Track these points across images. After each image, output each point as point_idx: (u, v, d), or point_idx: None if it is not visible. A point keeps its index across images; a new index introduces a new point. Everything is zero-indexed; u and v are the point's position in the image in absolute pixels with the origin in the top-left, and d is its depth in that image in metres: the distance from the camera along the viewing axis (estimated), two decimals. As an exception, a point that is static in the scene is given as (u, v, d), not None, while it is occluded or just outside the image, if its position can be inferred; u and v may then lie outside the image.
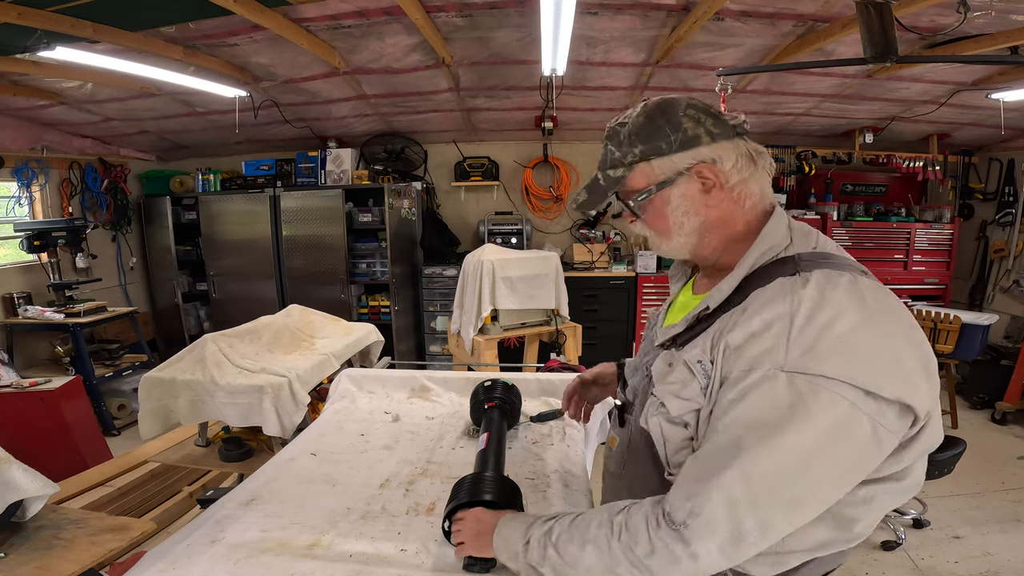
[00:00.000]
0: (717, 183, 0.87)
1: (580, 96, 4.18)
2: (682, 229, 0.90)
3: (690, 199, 0.88)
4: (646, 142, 0.88)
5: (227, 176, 5.06)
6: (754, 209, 0.90)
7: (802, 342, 0.73)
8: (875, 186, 5.31)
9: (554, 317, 3.44)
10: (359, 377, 2.03)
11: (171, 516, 2.16)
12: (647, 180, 0.89)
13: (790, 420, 0.71)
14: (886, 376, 0.72)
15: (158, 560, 1.03)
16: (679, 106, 0.88)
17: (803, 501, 0.74)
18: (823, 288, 0.76)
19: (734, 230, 0.90)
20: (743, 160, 0.87)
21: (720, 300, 0.85)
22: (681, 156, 0.87)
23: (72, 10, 2.54)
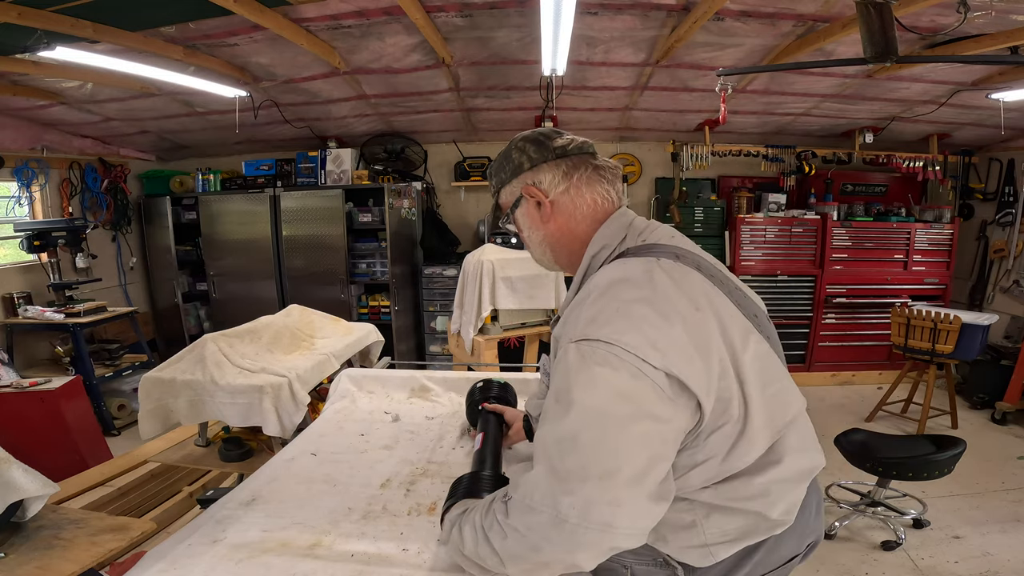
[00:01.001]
0: (542, 199, 1.03)
1: (580, 96, 4.18)
2: (533, 243, 1.09)
3: (530, 216, 1.06)
4: (496, 175, 1.10)
5: (227, 176, 5.06)
6: (590, 218, 1.02)
7: (588, 315, 0.83)
8: (875, 186, 5.31)
9: (554, 317, 3.44)
10: (359, 377, 2.03)
11: (171, 516, 2.16)
12: (506, 205, 1.10)
13: (577, 382, 0.79)
14: (656, 347, 0.78)
15: (158, 560, 1.03)
16: (514, 142, 1.07)
17: (614, 469, 0.76)
18: (617, 271, 0.88)
19: (576, 240, 1.03)
20: (558, 176, 1.02)
21: (566, 307, 0.95)
22: (515, 182, 1.06)
23: (72, 10, 2.53)
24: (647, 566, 0.97)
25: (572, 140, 1.05)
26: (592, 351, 0.79)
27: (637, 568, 0.98)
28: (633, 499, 0.76)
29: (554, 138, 1.05)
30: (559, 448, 0.78)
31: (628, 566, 0.98)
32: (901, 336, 4.06)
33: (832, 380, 5.05)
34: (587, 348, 0.80)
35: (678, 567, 0.94)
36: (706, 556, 0.91)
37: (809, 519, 1.00)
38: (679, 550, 0.92)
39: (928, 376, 4.01)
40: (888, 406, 4.26)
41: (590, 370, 0.78)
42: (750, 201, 5.05)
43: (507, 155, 1.07)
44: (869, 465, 2.72)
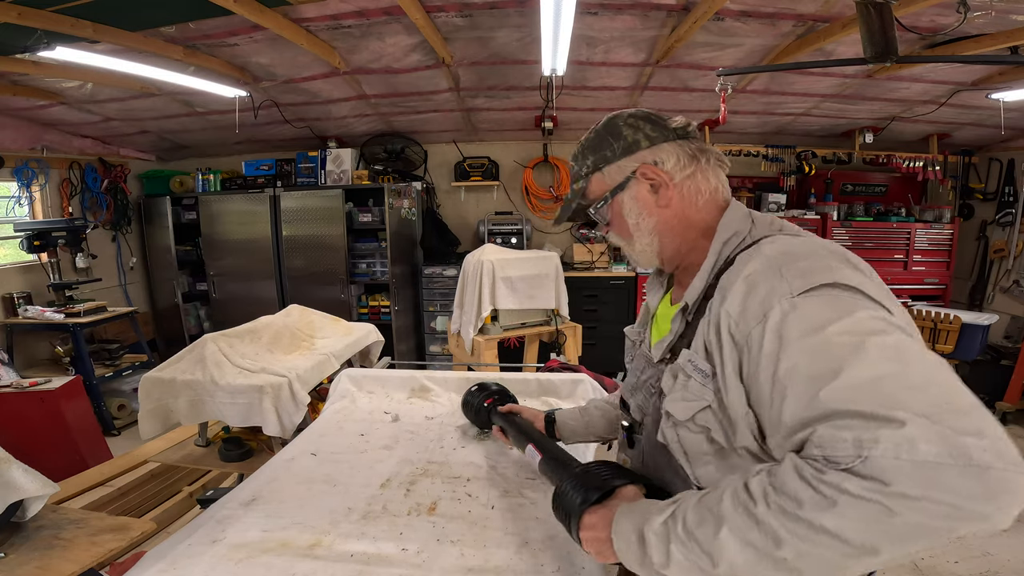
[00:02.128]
0: (662, 182, 0.92)
1: (580, 96, 4.18)
2: (640, 231, 0.95)
3: (641, 201, 0.93)
4: (595, 153, 0.97)
5: (227, 176, 5.06)
6: (710, 206, 0.93)
7: (793, 272, 0.73)
8: (875, 186, 5.31)
9: (554, 317, 3.44)
10: (359, 377, 2.03)
11: (171, 516, 2.17)
12: (603, 188, 0.97)
13: (845, 312, 0.67)
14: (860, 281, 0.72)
15: (158, 560, 1.03)
16: (620, 118, 0.96)
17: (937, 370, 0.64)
18: (786, 239, 0.80)
19: (693, 228, 0.93)
20: (685, 158, 0.92)
21: (697, 295, 0.86)
22: (625, 161, 0.93)
23: (72, 10, 2.53)
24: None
25: (689, 122, 0.95)
26: (830, 292, 0.69)
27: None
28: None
29: (666, 119, 0.95)
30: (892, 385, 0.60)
31: None
32: (901, 336, 4.05)
33: (832, 380, 5.04)
34: (823, 292, 0.69)
35: None
36: None
37: None
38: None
39: (928, 376, 4.00)
40: (888, 406, 4.25)
41: (853, 313, 0.67)
42: (750, 201, 5.05)
43: (612, 131, 0.95)
44: (869, 465, 2.71)
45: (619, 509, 0.78)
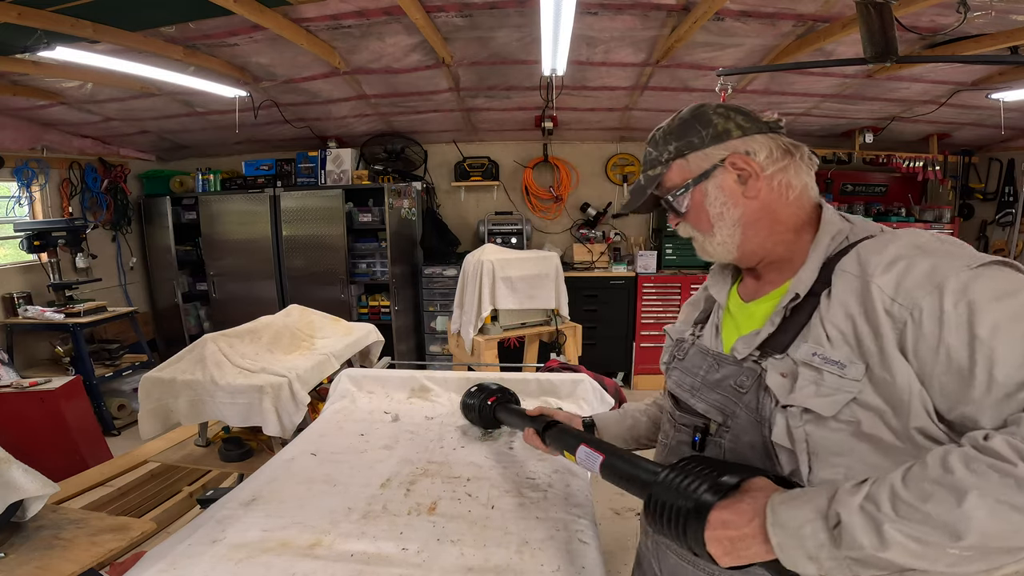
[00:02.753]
0: (753, 173, 0.88)
1: (580, 96, 4.18)
2: (723, 222, 0.90)
3: (727, 191, 0.89)
4: (680, 139, 0.92)
5: (227, 176, 5.06)
6: (799, 201, 0.90)
7: (956, 251, 0.73)
8: (875, 186, 5.31)
9: (554, 317, 3.44)
10: (359, 377, 2.03)
11: (171, 516, 2.17)
12: (684, 175, 0.92)
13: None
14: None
15: (158, 560, 1.03)
16: (710, 107, 0.93)
17: None
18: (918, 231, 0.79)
19: (781, 223, 0.90)
20: (778, 151, 0.89)
21: (807, 285, 0.83)
22: (714, 149, 0.89)
23: (72, 10, 2.53)
24: None
25: (781, 117, 0.93)
26: (1008, 270, 0.70)
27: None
28: None
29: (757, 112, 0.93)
30: None
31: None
32: (901, 336, 4.05)
33: (832, 380, 5.04)
34: (999, 266, 0.70)
35: None
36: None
37: None
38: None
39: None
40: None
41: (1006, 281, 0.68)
42: (750, 201, 5.04)
43: (701, 119, 0.91)
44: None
45: (772, 499, 0.68)
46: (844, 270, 0.79)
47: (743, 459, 0.85)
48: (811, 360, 0.77)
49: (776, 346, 0.84)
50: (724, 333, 0.96)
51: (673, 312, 4.89)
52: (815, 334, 0.79)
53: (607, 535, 2.62)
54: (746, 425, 0.86)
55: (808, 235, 0.89)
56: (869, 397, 0.73)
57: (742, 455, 0.86)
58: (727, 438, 0.89)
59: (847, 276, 0.78)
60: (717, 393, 0.91)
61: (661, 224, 5.14)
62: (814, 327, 0.80)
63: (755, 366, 0.86)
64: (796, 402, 0.78)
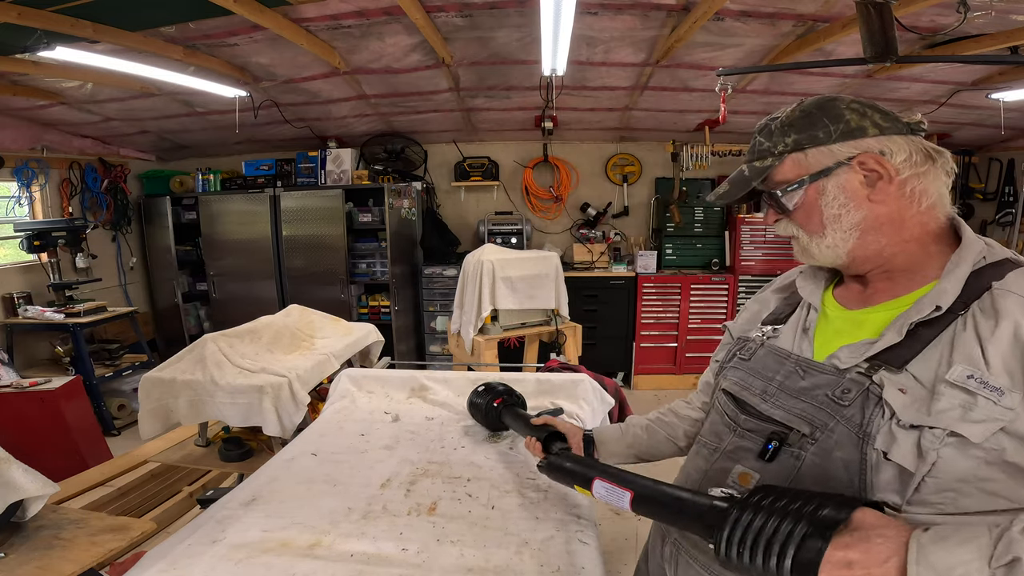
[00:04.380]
0: (885, 175, 0.82)
1: (580, 96, 4.17)
2: (839, 224, 0.84)
3: (850, 192, 0.83)
4: (801, 132, 0.85)
5: (227, 176, 5.06)
6: (932, 212, 0.83)
7: None
8: (875, 186, 5.31)
9: (554, 317, 3.44)
10: (359, 377, 2.03)
11: (171, 516, 2.16)
12: (799, 171, 0.85)
13: None
14: None
15: (158, 560, 1.03)
16: (842, 101, 0.86)
17: None
18: None
19: (906, 231, 0.83)
20: (919, 155, 0.82)
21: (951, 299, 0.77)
22: (842, 145, 0.83)
23: (72, 10, 2.53)
24: None
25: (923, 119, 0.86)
26: None
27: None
28: None
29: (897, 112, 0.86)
30: None
31: None
32: (901, 336, 4.05)
33: (832, 380, 5.04)
34: None
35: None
36: None
37: None
38: None
39: (928, 376, 4.00)
40: (888, 406, 4.25)
41: None
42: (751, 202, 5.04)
43: (829, 112, 0.84)
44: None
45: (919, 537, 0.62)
46: (1012, 291, 0.74)
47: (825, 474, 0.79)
48: (966, 383, 0.72)
49: (894, 359, 0.78)
50: (818, 339, 0.90)
51: (673, 312, 4.89)
52: (969, 355, 0.73)
53: (607, 535, 2.61)
54: (843, 440, 0.79)
55: (938, 248, 0.83)
56: (1021, 426, 0.69)
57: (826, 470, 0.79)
58: (811, 451, 0.81)
59: (1018, 299, 0.73)
60: (803, 402, 0.84)
61: (661, 224, 5.14)
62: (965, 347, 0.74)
63: (862, 378, 0.79)
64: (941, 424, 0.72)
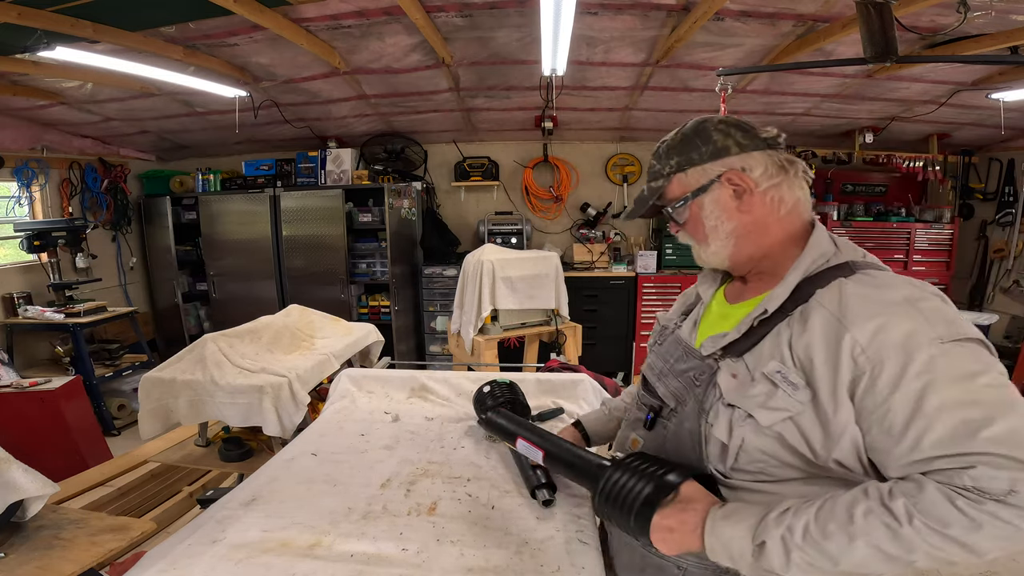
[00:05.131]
0: (747, 189, 0.93)
1: (580, 96, 4.18)
2: (717, 234, 0.97)
3: (723, 205, 0.95)
4: (681, 154, 0.97)
5: (227, 176, 5.06)
6: (791, 216, 0.95)
7: (936, 318, 0.79)
8: (875, 186, 5.31)
9: (554, 317, 3.44)
10: (359, 377, 2.03)
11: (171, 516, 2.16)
12: (683, 189, 0.98)
13: (987, 367, 0.76)
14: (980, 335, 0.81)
15: (158, 560, 1.03)
16: (711, 122, 0.97)
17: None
18: (904, 280, 0.85)
19: (771, 236, 0.95)
20: (773, 168, 0.94)
21: (778, 304, 0.89)
22: (712, 164, 0.95)
23: (72, 10, 2.53)
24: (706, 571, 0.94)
25: (778, 133, 0.97)
26: (974, 346, 0.78)
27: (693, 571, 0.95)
28: None
29: (756, 127, 0.97)
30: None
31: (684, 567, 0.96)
32: (901, 336, 4.05)
33: (832, 380, 5.04)
34: (969, 345, 0.78)
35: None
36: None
37: None
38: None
39: (928, 376, 4.00)
40: (888, 406, 4.25)
41: (993, 368, 0.77)
42: (750, 201, 5.04)
43: (701, 135, 0.96)
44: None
45: (712, 514, 0.84)
46: (823, 305, 0.84)
47: (680, 443, 0.97)
48: (773, 376, 0.85)
49: (736, 350, 0.91)
50: (701, 329, 1.04)
51: (673, 312, 4.87)
52: (782, 353, 0.86)
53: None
54: (691, 414, 0.96)
55: (794, 250, 0.94)
56: (806, 420, 0.82)
57: (680, 439, 0.97)
58: (673, 422, 0.99)
59: (825, 313, 0.83)
60: (678, 381, 1.01)
61: (661, 224, 5.14)
62: (781, 346, 0.86)
63: (713, 363, 0.95)
64: (742, 405, 0.87)
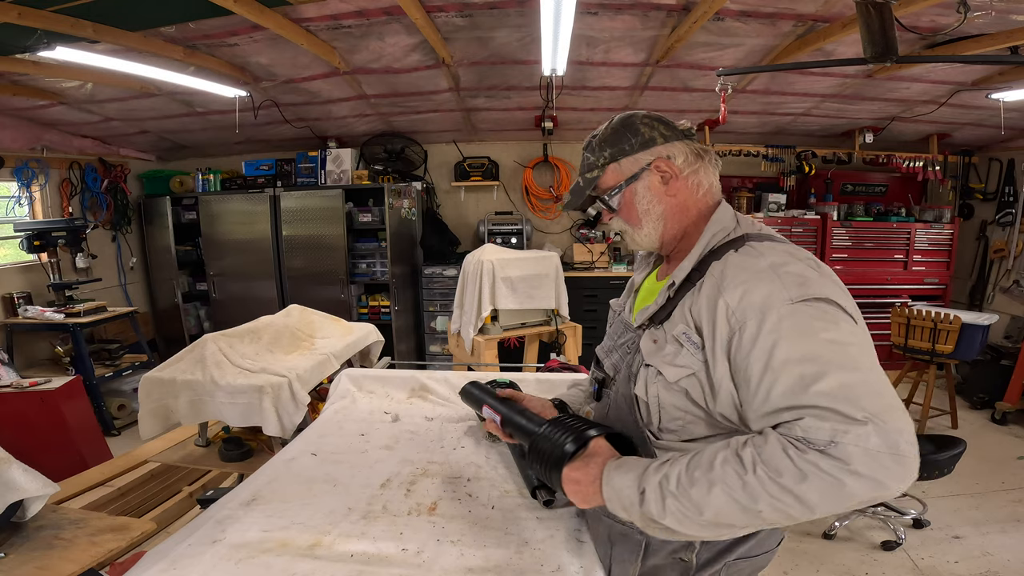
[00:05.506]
0: (673, 174, 1.05)
1: (580, 96, 4.18)
2: (649, 217, 1.07)
3: (653, 190, 1.06)
4: (613, 146, 1.07)
5: (227, 176, 5.06)
6: (705, 198, 1.07)
7: (791, 281, 0.87)
8: (875, 186, 5.31)
9: (554, 317, 3.44)
10: (359, 377, 2.03)
11: (171, 516, 2.17)
12: (617, 177, 1.07)
13: (831, 324, 0.84)
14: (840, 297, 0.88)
15: (158, 560, 1.03)
16: (637, 116, 1.08)
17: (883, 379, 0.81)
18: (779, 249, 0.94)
19: (690, 216, 1.07)
20: (692, 155, 1.06)
21: (684, 275, 0.99)
22: (642, 154, 1.05)
23: (72, 10, 2.53)
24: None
25: (692, 125, 1.10)
26: (820, 304, 0.85)
27: (654, 537, 0.99)
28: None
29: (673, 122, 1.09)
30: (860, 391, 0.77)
31: (644, 533, 0.99)
32: (901, 336, 4.06)
33: (832, 380, 5.05)
34: (816, 304, 0.85)
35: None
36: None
37: None
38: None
39: (928, 376, 4.01)
40: (888, 406, 4.25)
41: (830, 315, 0.85)
42: (750, 201, 5.05)
43: (630, 127, 1.06)
44: (869, 465, 2.71)
45: (608, 466, 0.93)
46: (712, 274, 0.95)
47: (620, 409, 1.07)
48: (680, 337, 0.95)
49: (657, 319, 1.02)
50: (636, 306, 1.17)
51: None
52: (686, 317, 0.96)
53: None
54: (624, 380, 1.07)
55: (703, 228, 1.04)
56: (701, 376, 0.92)
57: (619, 406, 1.08)
58: (613, 390, 1.12)
59: (712, 281, 0.94)
60: (617, 353, 1.13)
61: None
62: (685, 312, 0.96)
63: (640, 332, 1.06)
64: (655, 364, 0.98)
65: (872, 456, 0.73)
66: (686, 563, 1.01)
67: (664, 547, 1.01)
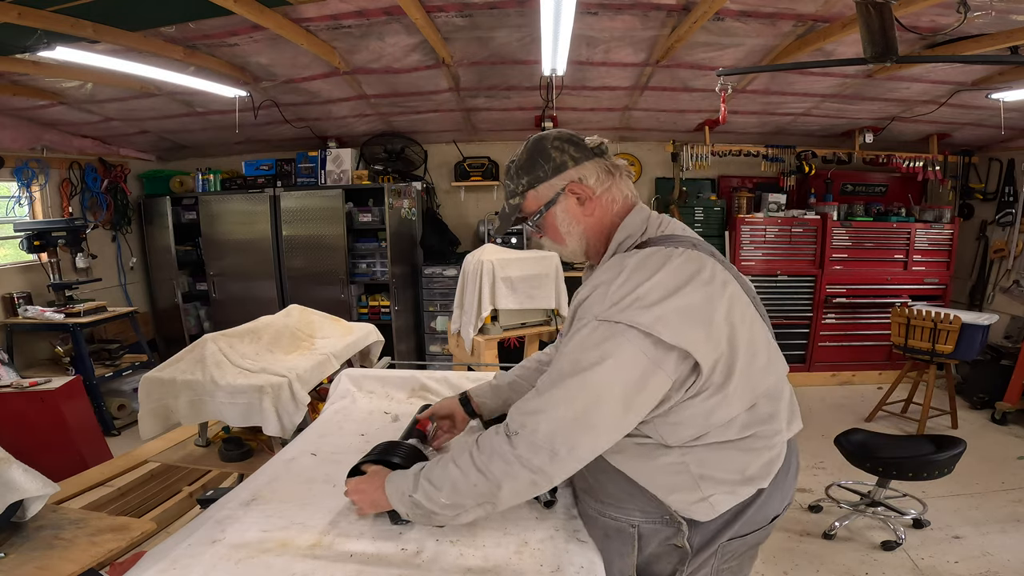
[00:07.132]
0: (587, 195, 1.11)
1: (580, 96, 4.18)
2: (572, 236, 1.16)
3: (571, 211, 1.13)
4: (529, 173, 1.14)
5: (227, 176, 5.06)
6: (623, 211, 1.14)
7: (612, 298, 0.95)
8: (875, 186, 5.31)
9: (554, 317, 3.44)
10: (359, 377, 2.03)
11: (171, 516, 2.16)
12: (537, 203, 1.15)
13: (593, 359, 0.93)
14: (670, 326, 0.92)
15: (158, 560, 1.03)
16: (547, 140, 1.13)
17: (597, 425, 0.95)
18: (640, 259, 0.99)
19: (608, 231, 1.14)
20: (603, 174, 1.12)
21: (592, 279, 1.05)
22: (556, 179, 1.12)
23: (72, 10, 2.53)
24: (654, 524, 1.06)
25: (601, 141, 1.15)
26: (611, 331, 0.94)
27: (644, 527, 1.06)
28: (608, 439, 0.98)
29: (583, 139, 1.14)
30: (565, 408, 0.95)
31: (636, 525, 1.07)
32: (901, 336, 4.06)
33: (832, 380, 5.05)
34: (606, 328, 0.94)
35: (683, 523, 1.04)
36: (708, 510, 1.02)
37: (789, 479, 1.12)
38: (684, 506, 1.03)
39: (928, 376, 4.01)
40: (888, 406, 4.26)
41: (603, 347, 0.93)
42: (750, 201, 5.05)
43: (542, 153, 1.12)
44: (869, 465, 2.72)
45: (391, 474, 1.12)
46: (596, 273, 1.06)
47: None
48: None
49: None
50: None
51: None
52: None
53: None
54: None
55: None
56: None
57: None
58: None
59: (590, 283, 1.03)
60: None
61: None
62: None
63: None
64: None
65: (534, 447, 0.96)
66: (680, 548, 1.05)
67: (655, 536, 1.06)
